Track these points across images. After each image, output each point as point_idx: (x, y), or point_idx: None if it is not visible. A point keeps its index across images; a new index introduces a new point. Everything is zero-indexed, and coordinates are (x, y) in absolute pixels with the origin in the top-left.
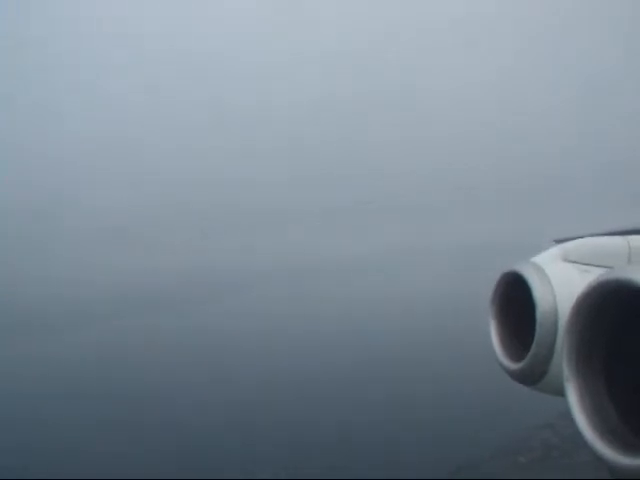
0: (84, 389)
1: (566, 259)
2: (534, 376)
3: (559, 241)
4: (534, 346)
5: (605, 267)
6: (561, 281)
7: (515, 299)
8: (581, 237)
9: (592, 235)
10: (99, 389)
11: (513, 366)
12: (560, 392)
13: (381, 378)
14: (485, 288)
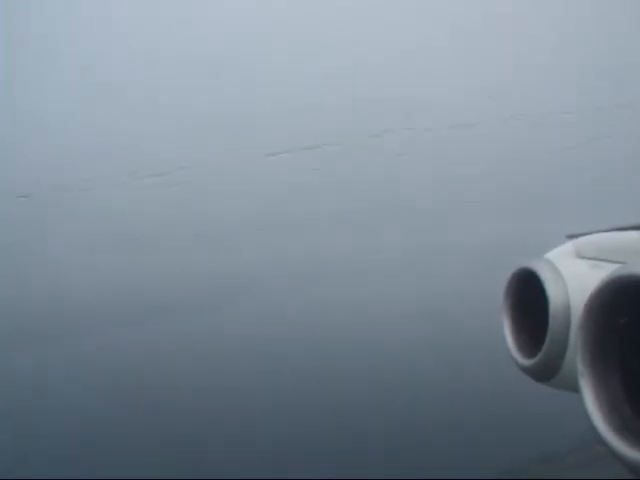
0: (82, 396)
1: (579, 255)
2: (547, 372)
3: (572, 237)
4: (547, 342)
5: (619, 263)
6: (574, 277)
7: (528, 295)
8: (594, 232)
9: (605, 230)
10: (98, 396)
11: (526, 362)
12: (574, 388)
13: (432, 379)
14: (498, 285)
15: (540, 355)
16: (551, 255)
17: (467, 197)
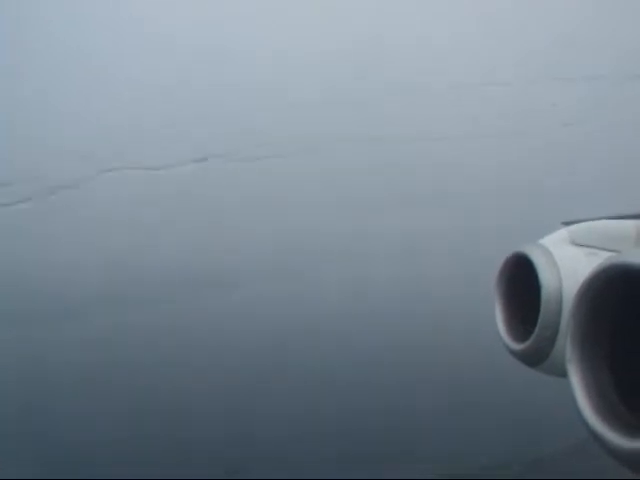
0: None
1: (574, 242)
2: (537, 357)
3: (567, 223)
4: (538, 327)
5: (613, 251)
6: (568, 264)
7: (521, 281)
8: (589, 220)
9: (601, 218)
10: (88, 390)
11: (517, 346)
12: (563, 374)
13: (424, 370)
14: (491, 270)
15: (530, 340)
16: (545, 241)
17: (461, 182)
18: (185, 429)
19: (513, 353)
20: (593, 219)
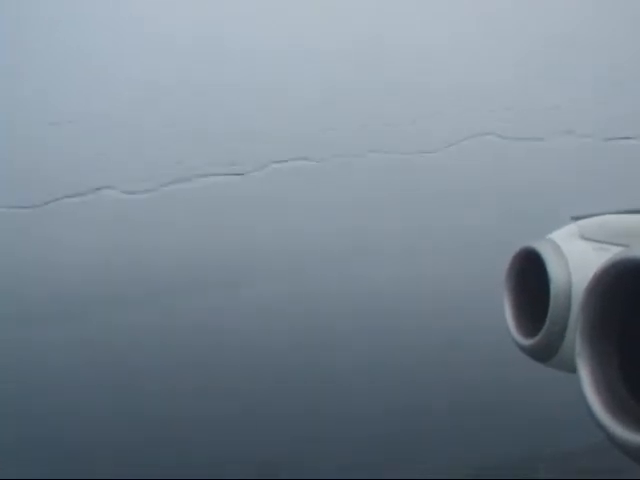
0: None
1: (583, 236)
2: (547, 352)
3: (577, 218)
4: (547, 322)
5: (622, 245)
6: (577, 258)
7: (530, 275)
8: (599, 214)
9: (611, 212)
10: (88, 390)
11: (526, 342)
12: (573, 369)
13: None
14: (501, 265)
15: (540, 335)
16: (554, 235)
17: (464, 180)
18: (184, 430)
19: (522, 349)
20: (602, 213)
